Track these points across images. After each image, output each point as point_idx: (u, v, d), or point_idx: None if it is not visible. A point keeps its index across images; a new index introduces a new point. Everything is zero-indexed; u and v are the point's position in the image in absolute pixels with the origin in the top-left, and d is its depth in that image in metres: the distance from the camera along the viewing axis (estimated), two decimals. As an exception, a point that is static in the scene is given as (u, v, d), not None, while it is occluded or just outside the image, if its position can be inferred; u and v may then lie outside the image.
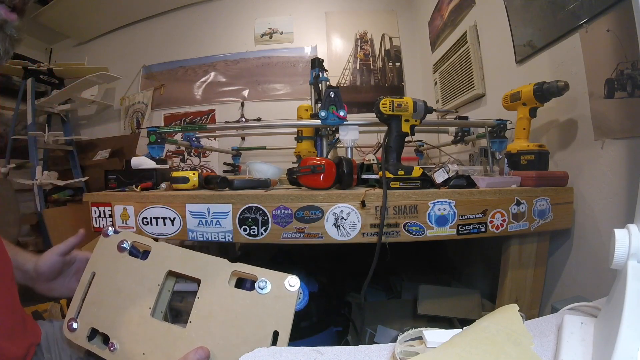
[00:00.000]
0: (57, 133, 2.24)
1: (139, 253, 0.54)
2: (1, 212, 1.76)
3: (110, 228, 0.56)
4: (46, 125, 2.25)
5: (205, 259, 0.51)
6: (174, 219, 0.79)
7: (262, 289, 0.46)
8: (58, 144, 2.29)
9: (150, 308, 0.49)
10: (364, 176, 0.91)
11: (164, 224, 0.80)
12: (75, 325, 0.50)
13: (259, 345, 0.43)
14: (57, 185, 2.16)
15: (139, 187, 0.89)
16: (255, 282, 0.47)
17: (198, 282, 0.49)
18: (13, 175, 2.10)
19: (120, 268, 0.53)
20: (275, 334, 0.44)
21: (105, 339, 0.49)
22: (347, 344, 1.09)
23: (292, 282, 0.46)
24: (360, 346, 0.42)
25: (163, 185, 0.94)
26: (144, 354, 0.46)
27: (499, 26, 1.26)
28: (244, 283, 0.50)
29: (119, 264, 0.53)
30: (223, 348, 0.44)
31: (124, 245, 0.54)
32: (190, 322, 0.47)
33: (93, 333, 0.50)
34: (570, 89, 0.83)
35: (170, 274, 0.52)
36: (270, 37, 2.51)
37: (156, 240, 0.55)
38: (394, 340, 0.41)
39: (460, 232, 0.75)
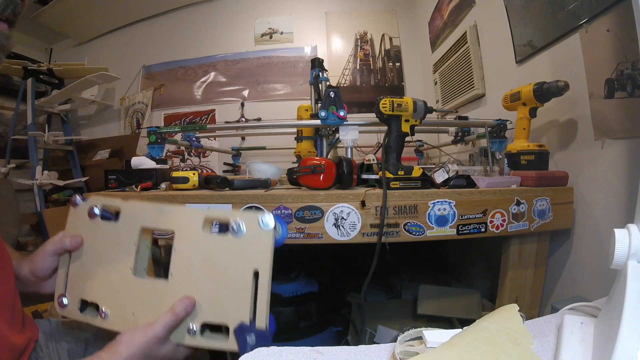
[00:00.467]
0: (57, 133, 2.24)
1: (112, 215, 0.53)
2: (1, 212, 1.76)
3: (78, 197, 0.54)
4: (46, 125, 2.25)
5: (175, 209, 0.50)
6: (174, 219, 0.79)
7: (236, 231, 0.45)
8: (58, 144, 2.30)
9: (131, 268, 0.48)
10: (364, 176, 0.91)
11: (164, 224, 0.80)
12: (65, 300, 0.50)
13: (241, 288, 0.44)
14: (57, 185, 2.16)
15: (139, 187, 0.89)
16: (229, 224, 0.46)
17: (172, 233, 0.48)
18: (13, 175, 2.10)
19: (95, 235, 0.51)
20: (256, 275, 0.44)
21: (96, 308, 0.49)
22: (347, 344, 1.09)
23: (267, 219, 0.44)
24: (360, 346, 0.42)
25: (163, 185, 0.94)
26: (134, 313, 0.46)
27: (499, 26, 1.26)
28: (219, 228, 0.49)
29: (93, 231, 0.52)
30: (207, 295, 0.45)
31: (95, 210, 0.52)
32: (172, 274, 0.47)
33: (83, 305, 0.50)
34: (570, 89, 0.83)
35: (145, 230, 0.51)
36: (270, 37, 2.51)
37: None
38: (394, 340, 0.41)
39: (460, 232, 0.75)
